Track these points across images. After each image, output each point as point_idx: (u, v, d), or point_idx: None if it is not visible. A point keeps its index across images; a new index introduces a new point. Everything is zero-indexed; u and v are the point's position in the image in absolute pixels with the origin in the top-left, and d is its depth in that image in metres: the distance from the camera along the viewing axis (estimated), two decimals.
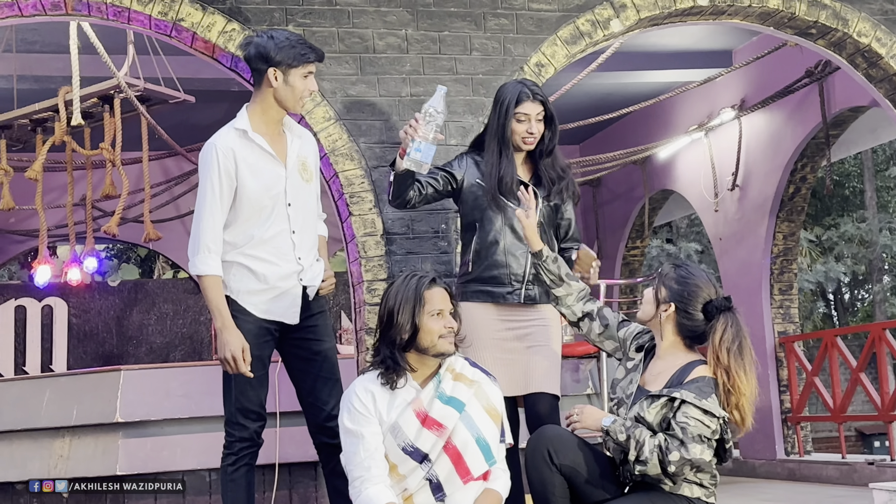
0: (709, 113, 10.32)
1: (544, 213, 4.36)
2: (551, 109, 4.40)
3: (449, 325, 3.69)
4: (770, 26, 6.43)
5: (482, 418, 3.67)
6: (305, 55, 4.07)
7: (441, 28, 5.86)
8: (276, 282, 4.09)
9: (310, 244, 4.24)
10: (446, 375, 3.72)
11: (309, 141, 4.35)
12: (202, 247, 3.98)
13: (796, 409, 9.49)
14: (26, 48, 8.28)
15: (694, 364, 3.78)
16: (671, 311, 3.83)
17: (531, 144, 4.38)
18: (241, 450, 4.04)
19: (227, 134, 4.09)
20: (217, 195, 4.00)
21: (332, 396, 4.15)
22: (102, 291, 12.21)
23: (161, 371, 6.72)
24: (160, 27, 5.60)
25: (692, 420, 3.60)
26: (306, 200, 4.22)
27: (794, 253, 9.80)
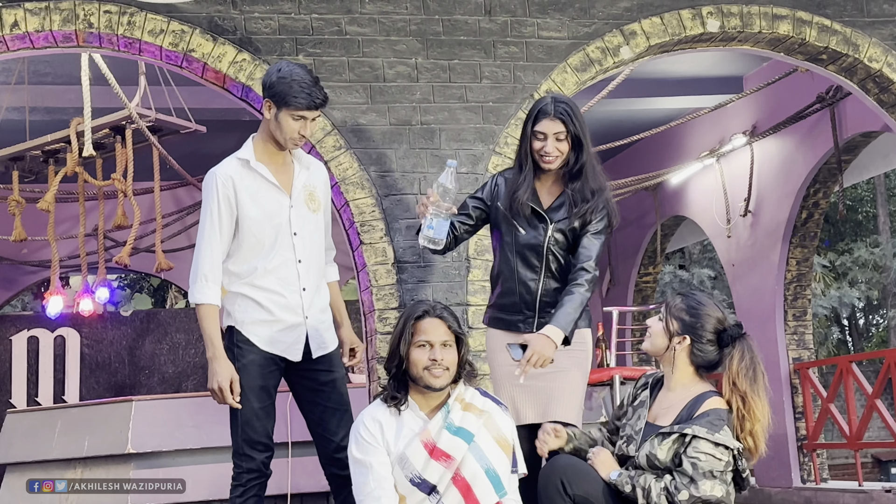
0: (720, 139, 10.31)
1: (556, 238, 4.17)
2: (577, 128, 4.11)
3: (434, 358, 3.61)
4: (780, 52, 6.43)
5: (492, 449, 3.63)
6: (296, 99, 3.97)
7: (451, 56, 5.88)
8: (281, 314, 4.06)
9: (315, 276, 4.20)
10: (455, 405, 3.67)
11: (318, 171, 4.31)
12: (199, 275, 3.99)
13: (812, 437, 9.41)
14: (38, 80, 8.33)
15: (706, 395, 3.73)
16: (686, 343, 3.79)
17: (550, 164, 4.14)
18: (249, 481, 4.00)
19: (229, 163, 4.10)
20: (216, 224, 4.00)
21: (340, 427, 4.11)
22: (115, 321, 12.21)
23: (172, 402, 6.72)
24: (171, 58, 5.63)
25: (703, 455, 3.56)
26: (313, 231, 4.19)
27: (808, 278, 9.76)
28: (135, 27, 5.48)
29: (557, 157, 4.13)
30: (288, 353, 4.10)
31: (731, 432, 3.61)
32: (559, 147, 4.12)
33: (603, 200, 4.14)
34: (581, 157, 4.12)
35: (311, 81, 4.01)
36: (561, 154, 4.13)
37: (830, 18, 6.29)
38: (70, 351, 11.78)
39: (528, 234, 4.15)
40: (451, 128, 5.82)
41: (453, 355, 3.66)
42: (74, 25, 5.41)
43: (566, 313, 3.96)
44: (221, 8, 5.63)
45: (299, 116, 4.00)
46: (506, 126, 5.86)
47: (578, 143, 4.12)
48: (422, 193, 5.72)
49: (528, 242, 4.16)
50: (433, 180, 4.34)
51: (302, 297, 4.11)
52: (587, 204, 4.11)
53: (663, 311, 3.86)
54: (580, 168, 4.13)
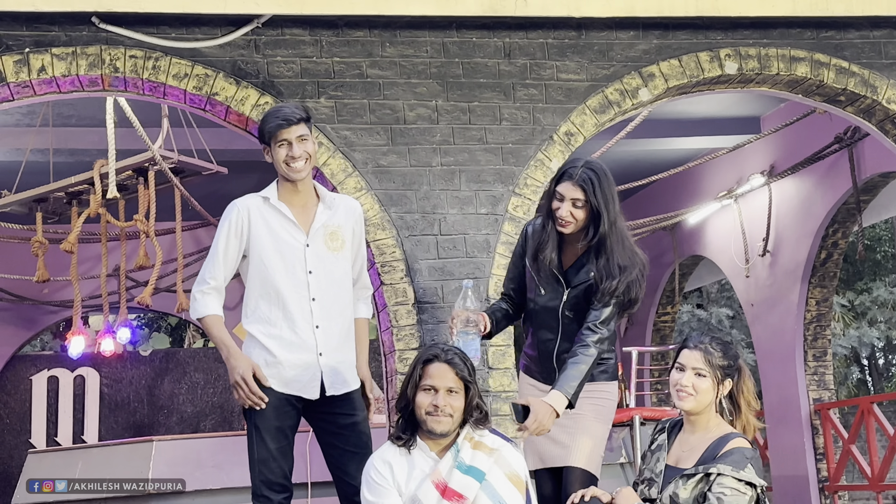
0: (738, 179, 10.33)
1: (572, 303, 4.09)
2: (597, 200, 3.96)
3: (436, 404, 3.61)
4: (798, 94, 6.46)
5: (504, 486, 3.63)
6: (270, 127, 4.10)
7: (471, 98, 5.93)
8: (287, 355, 4.07)
9: (336, 314, 4.19)
10: (465, 444, 3.67)
11: (346, 212, 4.30)
12: (198, 292, 4.09)
13: (833, 478, 9.34)
14: (62, 122, 8.43)
15: (730, 437, 3.72)
16: (730, 385, 3.81)
17: (563, 227, 4.04)
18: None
19: (251, 198, 4.21)
20: (222, 248, 4.10)
21: (359, 471, 4.01)
22: (134, 361, 12.25)
23: (192, 441, 6.74)
24: (195, 101, 5.70)
25: (728, 490, 3.55)
26: (331, 270, 4.19)
27: (828, 319, 9.73)
28: (159, 71, 5.55)
29: (572, 223, 4.03)
30: (304, 393, 4.10)
31: (754, 470, 3.60)
32: (574, 213, 4.01)
33: (629, 280, 4.01)
34: (599, 229, 3.99)
35: (282, 106, 4.19)
36: (575, 221, 4.02)
37: (848, 60, 6.31)
38: (89, 391, 11.83)
39: (546, 295, 4.14)
40: (471, 169, 5.86)
41: (459, 402, 3.65)
42: (100, 70, 5.50)
43: (570, 377, 3.92)
44: (245, 52, 5.71)
45: (281, 141, 4.08)
46: (525, 167, 5.89)
47: (598, 215, 3.99)
48: (443, 234, 5.75)
49: (545, 304, 4.15)
50: (456, 300, 4.21)
51: (315, 335, 4.11)
52: (612, 281, 3.98)
53: (704, 368, 3.74)
54: (601, 241, 4.02)
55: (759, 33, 6.23)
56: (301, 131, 4.11)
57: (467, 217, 5.80)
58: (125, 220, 8.42)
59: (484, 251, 5.77)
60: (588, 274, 4.06)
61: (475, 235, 5.77)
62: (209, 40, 5.64)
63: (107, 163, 7.31)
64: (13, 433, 11.52)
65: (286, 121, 4.08)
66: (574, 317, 4.10)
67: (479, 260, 5.75)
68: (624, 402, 7.22)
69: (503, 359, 5.62)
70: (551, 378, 4.10)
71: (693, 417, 3.83)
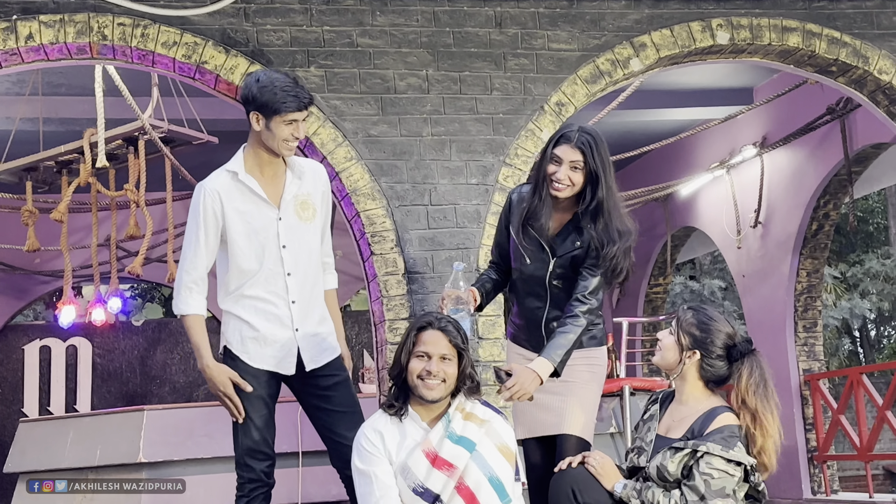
0: (730, 150, 10.32)
1: (559, 272, 4.06)
2: (595, 164, 3.91)
3: (429, 370, 3.62)
4: (790, 64, 6.45)
5: (495, 457, 3.64)
6: (286, 104, 3.91)
7: (461, 68, 5.91)
8: (268, 329, 4.04)
9: (309, 287, 4.14)
10: (456, 415, 3.69)
11: (313, 178, 4.21)
12: (183, 287, 3.99)
13: (822, 448, 9.40)
14: (52, 91, 8.39)
15: (717, 411, 3.71)
16: (696, 358, 3.80)
17: (558, 191, 3.96)
18: (252, 491, 3.99)
19: (218, 177, 4.05)
20: (201, 237, 3.97)
21: (351, 429, 3.98)
22: (126, 331, 12.26)
23: (184, 411, 6.74)
24: (184, 70, 5.68)
25: (716, 472, 3.55)
26: (306, 241, 4.13)
27: (818, 290, 9.75)
28: (148, 39, 5.52)
29: (568, 187, 3.97)
30: (279, 368, 4.07)
31: (744, 448, 3.61)
32: (572, 176, 3.95)
33: (626, 246, 3.97)
34: (597, 194, 3.94)
35: (293, 83, 3.96)
36: (572, 185, 3.96)
37: (840, 31, 6.30)
38: (82, 360, 11.85)
39: (532, 264, 4.10)
40: (461, 139, 5.85)
41: (452, 369, 3.66)
42: (88, 38, 5.46)
43: (557, 345, 3.90)
44: (234, 20, 5.68)
45: (291, 120, 3.94)
46: (516, 137, 5.88)
47: (595, 179, 3.95)
48: (433, 205, 5.75)
49: (532, 274, 4.11)
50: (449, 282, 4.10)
51: (291, 310, 4.06)
52: (613, 246, 3.94)
53: (674, 325, 3.83)
54: (597, 206, 3.96)
55: (751, 3, 6.22)
56: (308, 113, 4.04)
57: (458, 187, 5.80)
58: (115, 189, 8.39)
59: (474, 221, 5.76)
60: (574, 243, 4.02)
61: (465, 206, 5.77)
62: (198, 8, 5.61)
63: (97, 132, 7.27)
64: (6, 403, 11.54)
65: (304, 104, 3.96)
66: (562, 285, 4.07)
67: (470, 230, 5.75)
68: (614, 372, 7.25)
69: (493, 329, 5.63)
70: (539, 346, 4.08)
71: (676, 385, 3.85)
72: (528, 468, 4.21)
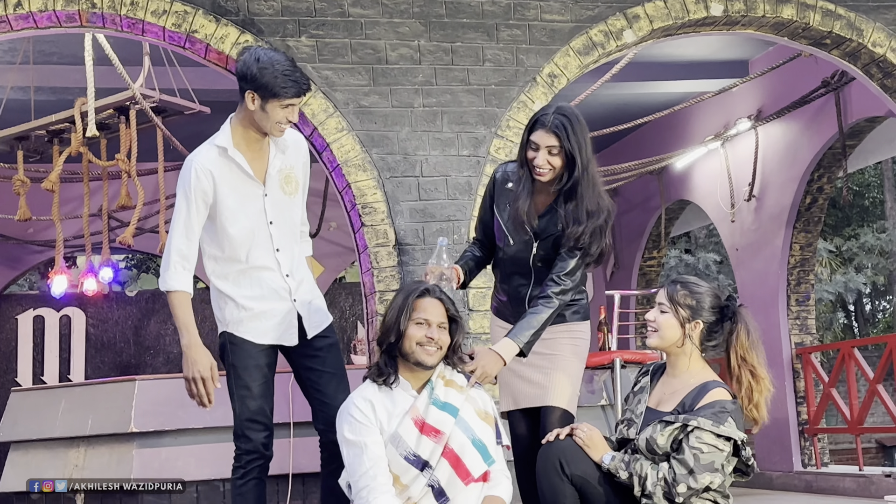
0: (725, 123, 10.30)
1: (541, 254, 4.07)
2: (571, 145, 3.91)
3: (431, 336, 3.66)
4: (784, 36, 6.42)
5: (476, 422, 3.70)
6: (285, 89, 3.85)
7: (454, 39, 5.88)
8: (264, 306, 4.03)
9: (297, 258, 4.16)
10: (438, 382, 3.73)
11: (295, 150, 4.17)
12: (171, 263, 3.92)
13: (813, 421, 9.43)
14: (43, 60, 8.34)
15: (709, 385, 3.71)
16: (699, 328, 3.79)
17: (540, 176, 3.98)
18: (249, 462, 3.98)
19: (208, 152, 3.98)
20: (192, 213, 3.93)
21: (339, 392, 4.05)
22: (120, 301, 12.26)
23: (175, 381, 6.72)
24: (174, 39, 5.64)
25: (706, 446, 3.55)
26: (290, 215, 4.12)
27: (811, 264, 9.75)
28: (137, 7, 5.49)
29: (549, 171, 3.98)
30: (283, 341, 4.07)
31: (735, 423, 3.61)
32: (551, 161, 3.95)
33: (595, 226, 3.97)
34: (573, 175, 3.94)
35: (293, 68, 3.91)
36: (553, 168, 3.97)
37: (834, 3, 6.28)
38: (75, 330, 11.85)
39: (515, 246, 4.10)
40: (453, 110, 5.83)
41: (447, 337, 3.71)
42: (77, 5, 5.43)
43: (526, 326, 3.91)
44: None
45: (288, 104, 3.89)
46: (508, 109, 5.86)
47: (572, 164, 3.94)
48: (424, 176, 5.74)
49: (514, 255, 4.12)
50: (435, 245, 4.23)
51: (287, 282, 4.07)
52: (579, 227, 3.95)
53: (665, 303, 3.81)
54: (573, 186, 3.97)
55: None
56: (304, 99, 4.02)
57: (449, 159, 5.78)
58: (107, 159, 8.36)
59: (465, 193, 5.75)
60: (556, 225, 4.02)
61: (457, 177, 5.76)
62: None
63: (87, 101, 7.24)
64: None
65: (303, 90, 3.90)
66: (545, 266, 4.07)
67: (461, 202, 5.74)
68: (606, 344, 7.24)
69: (483, 301, 5.63)
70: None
71: (672, 359, 3.84)
72: (514, 440, 4.23)
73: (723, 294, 3.85)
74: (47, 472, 6.54)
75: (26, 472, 6.67)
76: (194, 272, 3.97)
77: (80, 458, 6.52)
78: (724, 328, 3.79)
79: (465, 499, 3.61)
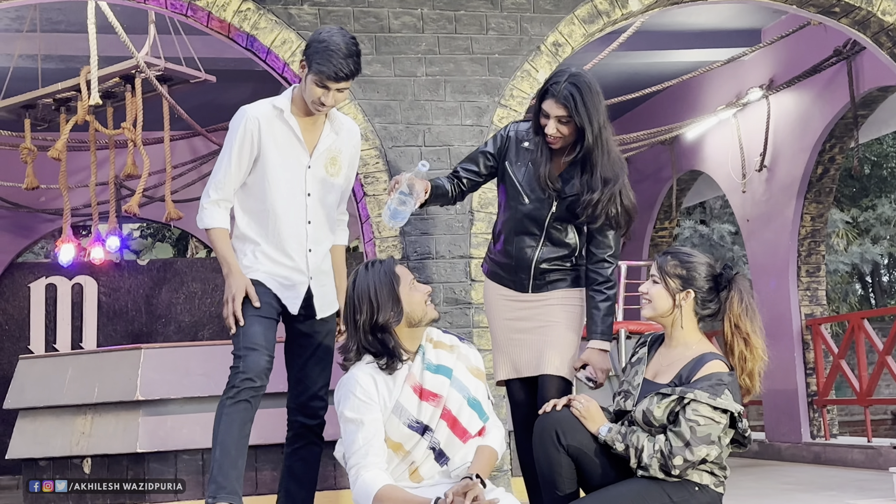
0: (737, 92, 10.22)
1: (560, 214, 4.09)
2: (581, 117, 3.94)
3: (428, 291, 3.75)
4: (793, 5, 6.35)
5: (469, 379, 3.73)
6: (320, 66, 3.88)
7: (457, 7, 5.83)
8: (285, 271, 4.08)
9: (327, 238, 4.20)
10: (427, 346, 3.77)
11: (349, 137, 4.25)
12: (210, 202, 4.04)
13: (822, 393, 9.41)
14: (51, 27, 8.34)
15: (706, 357, 3.70)
16: (690, 297, 3.78)
17: (553, 144, 4.03)
18: (243, 381, 3.89)
19: (263, 106, 4.08)
20: (234, 158, 4.01)
21: (320, 377, 4.15)
22: (132, 270, 12.30)
23: (181, 350, 6.76)
24: (176, 7, 5.61)
25: (703, 419, 3.54)
26: (327, 194, 4.17)
27: (822, 234, 9.70)
28: None
29: (560, 139, 4.02)
30: (288, 302, 4.10)
31: (731, 395, 3.59)
32: (561, 129, 3.99)
33: (611, 193, 3.99)
34: (585, 144, 3.97)
35: (344, 53, 3.90)
36: (563, 136, 4.01)
37: None
38: (87, 299, 11.90)
39: (531, 204, 4.11)
40: (456, 79, 5.79)
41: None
42: None
43: (603, 320, 4.10)
44: None
45: (322, 84, 3.93)
46: (511, 78, 5.82)
47: (582, 135, 3.97)
48: (427, 146, 5.71)
49: (530, 213, 4.13)
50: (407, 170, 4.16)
51: (307, 258, 4.11)
52: (593, 194, 3.98)
53: (656, 273, 3.81)
54: (587, 154, 4.00)
55: None
56: (346, 85, 3.99)
57: (452, 128, 5.76)
58: (114, 128, 8.36)
59: None
60: (575, 187, 4.05)
61: (460, 147, 5.73)
62: None
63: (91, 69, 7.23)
64: (12, 339, 11.62)
65: (338, 76, 3.91)
66: (559, 227, 4.10)
67: None
68: None
69: None
70: (525, 286, 4.16)
71: (668, 330, 3.83)
72: (513, 406, 4.27)
73: (718, 264, 3.83)
74: (54, 440, 6.58)
75: (34, 439, 6.72)
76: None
77: (87, 426, 6.56)
78: (719, 297, 3.77)
79: (465, 455, 3.66)
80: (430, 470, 3.68)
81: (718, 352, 3.74)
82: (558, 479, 3.72)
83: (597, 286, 4.09)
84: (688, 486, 3.64)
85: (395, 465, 3.66)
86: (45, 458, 6.61)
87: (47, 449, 6.59)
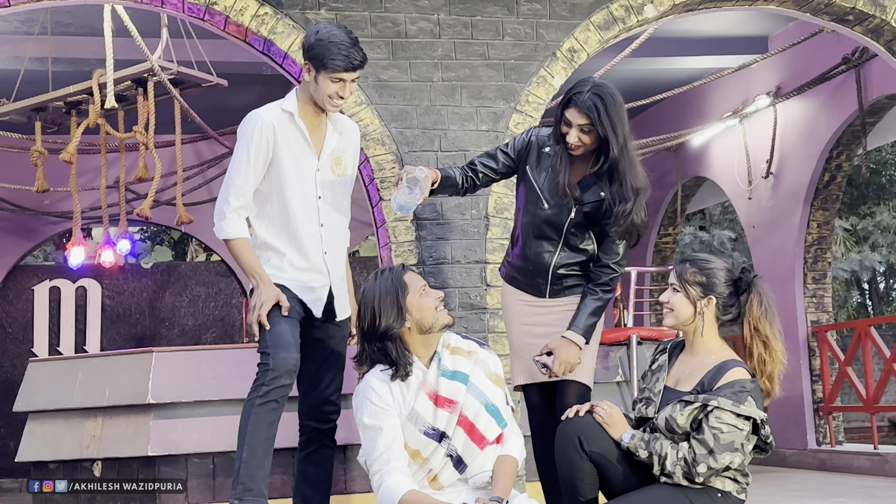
0: (744, 100, 10.23)
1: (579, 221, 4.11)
2: (604, 128, 3.94)
3: (439, 296, 3.75)
4: (807, 12, 6.36)
5: (487, 385, 3.74)
6: (334, 61, 3.91)
7: (473, 13, 5.84)
8: (308, 276, 4.07)
9: (339, 240, 4.20)
10: (444, 352, 3.77)
11: (351, 136, 4.27)
12: (230, 211, 3.97)
13: (828, 399, 9.42)
14: (61, 31, 8.34)
15: (728, 364, 3.69)
16: (712, 304, 3.78)
17: (574, 151, 4.04)
18: (273, 380, 3.85)
19: (273, 110, 4.06)
20: (251, 163, 3.98)
21: (333, 382, 4.15)
22: (135, 273, 12.29)
23: (192, 353, 6.75)
24: (193, 11, 5.62)
25: (726, 426, 3.54)
26: (337, 195, 4.17)
27: (829, 242, 9.72)
28: None
29: (580, 147, 4.03)
30: (312, 305, 4.10)
31: (754, 402, 3.60)
32: (582, 138, 4.00)
33: (630, 208, 4.01)
34: (610, 154, 3.97)
35: (349, 43, 3.94)
36: (584, 145, 4.02)
37: None
38: (91, 302, 11.89)
39: (550, 209, 4.12)
40: (472, 85, 5.80)
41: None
42: None
43: (587, 318, 4.05)
44: None
45: (338, 79, 3.94)
46: (527, 84, 5.83)
47: (606, 145, 3.97)
48: (443, 151, 5.72)
49: (548, 218, 4.14)
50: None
51: (325, 260, 4.11)
52: (626, 204, 3.99)
53: (676, 282, 3.81)
54: (613, 165, 4.00)
55: None
56: (359, 73, 4.01)
57: (468, 133, 5.76)
58: (125, 131, 8.36)
59: None
60: (597, 194, 4.06)
61: (475, 152, 5.73)
62: None
63: (106, 72, 7.23)
64: (15, 342, 11.60)
65: (353, 65, 3.94)
66: (578, 233, 4.12)
67: None
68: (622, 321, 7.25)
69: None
70: (541, 291, 4.18)
71: (689, 338, 3.84)
72: (530, 412, 4.27)
73: (736, 268, 3.84)
74: (64, 443, 6.58)
75: (44, 442, 6.71)
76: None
77: (98, 429, 6.55)
78: (739, 301, 3.78)
79: (483, 462, 3.67)
80: (449, 477, 3.68)
81: (739, 358, 3.75)
82: (580, 484, 3.72)
83: (594, 286, 4.10)
84: (711, 493, 3.64)
85: (414, 472, 3.67)
86: (55, 460, 6.60)
87: (57, 452, 6.58)
